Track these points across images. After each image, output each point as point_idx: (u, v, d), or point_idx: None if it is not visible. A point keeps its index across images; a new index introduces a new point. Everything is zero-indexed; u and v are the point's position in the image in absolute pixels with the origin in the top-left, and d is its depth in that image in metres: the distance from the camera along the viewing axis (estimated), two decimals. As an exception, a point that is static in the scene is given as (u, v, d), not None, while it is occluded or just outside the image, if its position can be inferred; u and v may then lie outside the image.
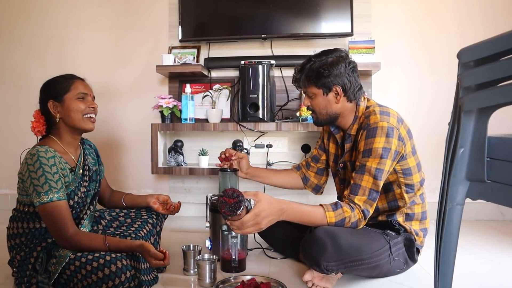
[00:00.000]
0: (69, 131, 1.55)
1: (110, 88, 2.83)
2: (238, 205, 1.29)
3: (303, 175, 1.96)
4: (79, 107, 1.53)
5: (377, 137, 1.49)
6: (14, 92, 2.93)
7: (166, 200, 1.79)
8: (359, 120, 1.64)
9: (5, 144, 2.94)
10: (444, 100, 2.53)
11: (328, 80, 1.59)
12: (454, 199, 0.83)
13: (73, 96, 1.53)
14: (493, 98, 0.74)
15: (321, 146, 1.92)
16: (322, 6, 2.53)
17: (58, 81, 1.56)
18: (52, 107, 1.53)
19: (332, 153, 1.84)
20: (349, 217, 1.45)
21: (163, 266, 1.66)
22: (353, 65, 1.63)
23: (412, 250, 1.59)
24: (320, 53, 1.65)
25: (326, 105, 1.64)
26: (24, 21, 2.91)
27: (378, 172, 1.48)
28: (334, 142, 1.82)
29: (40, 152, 1.42)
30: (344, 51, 1.66)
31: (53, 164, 1.42)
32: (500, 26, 2.56)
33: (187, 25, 2.65)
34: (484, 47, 0.74)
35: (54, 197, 1.39)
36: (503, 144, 0.76)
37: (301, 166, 1.98)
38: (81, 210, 1.57)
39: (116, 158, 2.86)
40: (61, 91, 1.53)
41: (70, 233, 1.40)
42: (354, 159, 1.63)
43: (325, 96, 1.62)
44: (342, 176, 1.75)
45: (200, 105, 2.68)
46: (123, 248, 1.43)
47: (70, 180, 1.50)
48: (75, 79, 1.58)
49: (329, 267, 1.41)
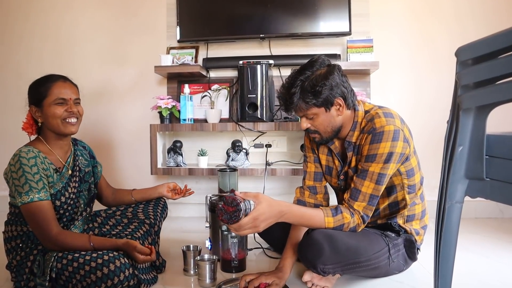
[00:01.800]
0: (53, 134, 1.54)
1: (108, 89, 2.82)
2: (236, 214, 1.28)
3: (316, 202, 1.72)
4: (56, 113, 1.49)
5: (382, 142, 1.43)
6: (13, 93, 2.92)
7: (175, 186, 1.84)
8: (359, 125, 1.54)
9: (4, 145, 2.94)
10: (443, 98, 2.53)
11: (328, 95, 1.45)
12: (453, 197, 0.83)
13: (51, 102, 1.49)
14: (491, 96, 0.74)
15: (316, 159, 1.72)
16: (320, 5, 2.53)
17: (37, 85, 1.53)
18: (34, 112, 1.52)
19: (324, 165, 1.71)
20: (348, 223, 1.44)
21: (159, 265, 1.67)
22: (342, 70, 1.52)
23: (413, 251, 1.58)
24: (302, 68, 1.49)
25: (330, 121, 1.51)
26: (23, 23, 2.90)
27: (381, 177, 1.44)
28: (326, 153, 1.69)
29: (22, 152, 1.42)
30: (324, 57, 1.51)
31: (33, 164, 1.41)
32: (500, 23, 2.56)
33: (185, 26, 2.65)
34: (482, 45, 0.74)
35: (35, 197, 1.39)
36: (501, 142, 0.77)
37: (308, 201, 1.72)
38: (74, 211, 1.57)
39: (115, 159, 2.86)
40: (39, 97, 1.50)
41: (54, 233, 1.40)
42: (355, 165, 1.56)
43: (327, 112, 1.49)
44: (343, 187, 1.65)
45: (199, 105, 2.68)
46: (108, 246, 1.43)
47: (55, 180, 1.49)
48: (54, 82, 1.51)
49: (326, 270, 1.40)
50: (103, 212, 1.76)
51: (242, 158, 2.49)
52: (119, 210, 1.78)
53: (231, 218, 1.29)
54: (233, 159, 2.48)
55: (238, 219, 1.28)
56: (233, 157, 2.49)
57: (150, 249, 1.45)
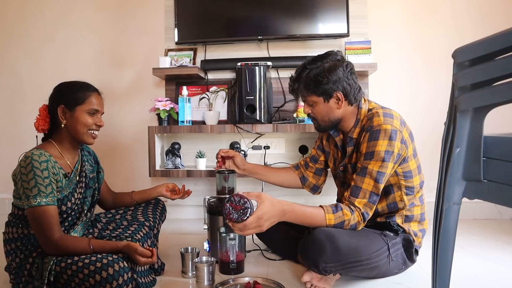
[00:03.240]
0: (70, 138, 1.55)
1: (106, 91, 2.77)
2: (245, 212, 1.30)
3: (301, 174, 1.94)
4: (88, 121, 1.53)
5: (379, 140, 1.47)
6: (11, 95, 2.92)
7: (174, 187, 1.86)
8: (361, 123, 1.60)
9: (2, 148, 2.93)
10: (440, 99, 2.54)
11: (328, 87, 1.55)
12: (451, 199, 0.83)
13: (85, 110, 1.53)
14: (488, 97, 0.74)
15: (319, 147, 1.88)
16: (318, 7, 2.53)
17: (75, 89, 1.55)
18: (61, 112, 1.52)
19: (330, 154, 1.82)
20: (349, 220, 1.45)
21: (158, 268, 1.67)
22: (350, 67, 1.59)
23: (410, 251, 1.59)
24: (314, 58, 1.61)
25: (328, 112, 1.60)
26: (20, 24, 2.90)
27: (380, 175, 1.47)
28: (333, 144, 1.79)
29: (34, 155, 1.41)
30: (339, 53, 1.63)
31: (45, 168, 1.41)
32: (496, 25, 2.57)
33: (183, 27, 2.65)
34: (479, 46, 0.75)
35: (42, 201, 1.38)
36: (499, 143, 0.77)
37: (299, 166, 1.95)
38: (77, 216, 1.57)
39: (113, 161, 2.85)
40: (75, 101, 1.52)
41: (56, 238, 1.39)
42: (355, 161, 1.60)
43: (326, 103, 1.59)
44: (342, 179, 1.73)
45: (197, 107, 2.68)
46: (109, 249, 1.43)
47: (64, 185, 1.49)
48: (92, 92, 1.57)
49: (328, 269, 1.41)
50: (103, 217, 1.75)
51: (241, 160, 2.48)
52: (118, 213, 1.78)
53: (240, 216, 1.30)
54: (232, 161, 2.48)
55: (247, 216, 1.29)
56: (232, 159, 2.49)
57: (151, 252, 1.45)
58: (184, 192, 1.86)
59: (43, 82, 1.60)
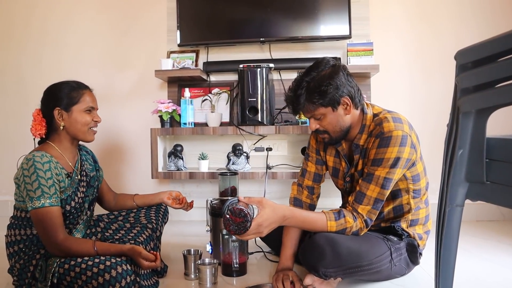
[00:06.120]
0: (69, 138, 1.56)
1: (109, 93, 2.83)
2: (244, 225, 1.30)
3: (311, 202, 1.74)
4: (87, 120, 1.55)
5: (390, 147, 1.42)
6: (13, 98, 2.93)
7: (178, 195, 1.85)
8: (368, 128, 1.53)
9: (4, 150, 2.94)
10: (443, 101, 2.53)
11: (334, 95, 1.45)
12: (453, 201, 0.83)
13: (81, 109, 1.54)
14: (491, 99, 0.74)
15: (318, 161, 1.73)
16: (320, 9, 2.53)
17: (67, 89, 1.54)
18: (58, 115, 1.52)
19: (331, 166, 1.71)
20: (351, 227, 1.44)
21: (161, 271, 1.67)
22: (347, 69, 1.53)
23: (415, 256, 1.57)
24: (307, 70, 1.50)
25: (339, 121, 1.51)
26: (23, 28, 2.91)
27: (386, 181, 1.43)
28: (333, 155, 1.69)
29: (36, 157, 1.42)
30: (330, 59, 1.52)
31: (48, 169, 1.42)
32: (499, 26, 2.56)
33: (186, 30, 2.66)
34: (481, 48, 0.75)
35: (46, 202, 1.39)
36: (502, 145, 0.76)
37: (311, 202, 1.74)
38: (78, 215, 1.57)
39: (115, 163, 2.86)
40: (70, 101, 1.52)
41: (60, 239, 1.39)
42: (361, 168, 1.55)
43: (335, 112, 1.49)
44: (349, 189, 1.65)
45: (200, 109, 2.69)
46: (113, 252, 1.43)
47: (67, 185, 1.50)
48: (84, 90, 1.57)
49: (328, 273, 1.40)
50: (106, 218, 1.76)
51: (243, 162, 2.49)
52: (121, 215, 1.78)
53: (239, 229, 1.30)
54: (234, 163, 2.48)
55: (246, 229, 1.29)
56: (234, 160, 2.49)
57: (155, 256, 1.45)
58: (186, 203, 1.84)
59: (47, 85, 1.59)
